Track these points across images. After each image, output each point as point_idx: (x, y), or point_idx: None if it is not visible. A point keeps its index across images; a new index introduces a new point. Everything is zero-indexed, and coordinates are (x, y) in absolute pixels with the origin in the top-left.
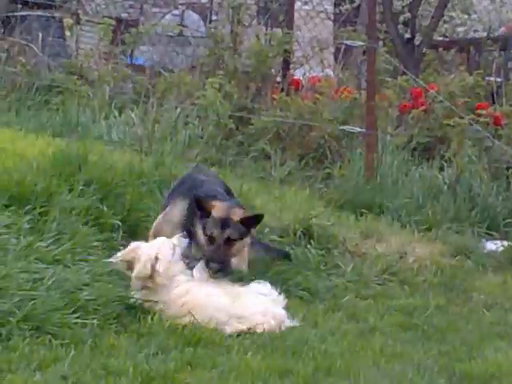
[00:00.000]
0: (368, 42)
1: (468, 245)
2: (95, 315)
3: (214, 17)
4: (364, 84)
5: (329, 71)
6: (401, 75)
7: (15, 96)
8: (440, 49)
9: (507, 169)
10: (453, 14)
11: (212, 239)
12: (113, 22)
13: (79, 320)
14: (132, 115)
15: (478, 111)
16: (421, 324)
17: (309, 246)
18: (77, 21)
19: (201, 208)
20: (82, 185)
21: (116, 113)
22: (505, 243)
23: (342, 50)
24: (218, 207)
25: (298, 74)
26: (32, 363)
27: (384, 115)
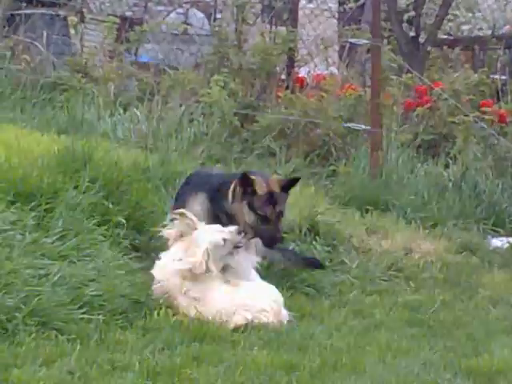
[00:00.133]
0: (372, 40)
1: (473, 241)
2: (101, 311)
3: (219, 15)
4: (369, 82)
5: (333, 69)
6: (405, 73)
7: (20, 94)
8: (445, 47)
9: None
10: (457, 13)
11: (265, 218)
12: (117, 20)
13: (85, 315)
14: (137, 113)
15: (483, 109)
16: (426, 320)
17: (314, 243)
18: (81, 19)
19: (247, 186)
20: (88, 182)
21: (121, 110)
22: (510, 240)
23: (347, 48)
24: (260, 183)
25: (303, 72)
26: (38, 358)
27: (389, 113)
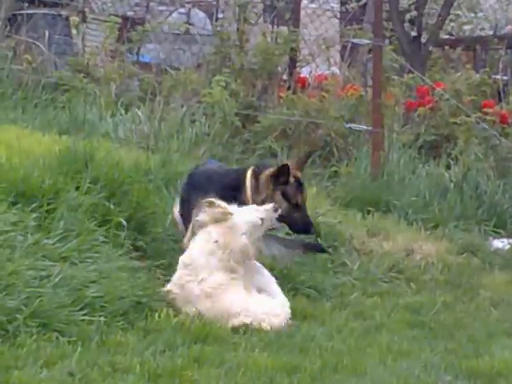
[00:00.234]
0: (374, 40)
1: (475, 242)
2: (102, 312)
3: (221, 15)
4: (370, 82)
5: (335, 69)
6: (407, 73)
7: (22, 94)
8: (446, 47)
9: None
10: (459, 13)
11: (297, 205)
12: (119, 20)
13: (86, 317)
14: (138, 113)
15: (485, 109)
16: (428, 321)
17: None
18: (83, 19)
19: (282, 176)
20: (89, 182)
21: (122, 110)
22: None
23: (349, 48)
24: (293, 172)
25: (305, 72)
26: (39, 360)
27: (390, 113)
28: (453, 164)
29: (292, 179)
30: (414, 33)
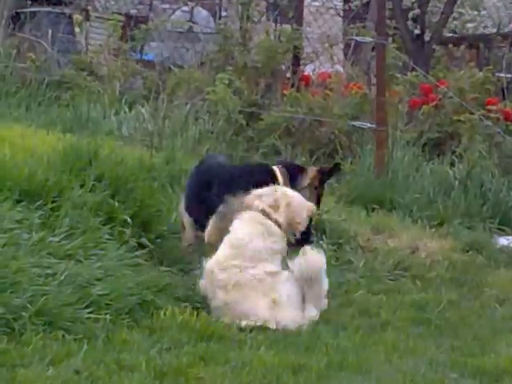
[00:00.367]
0: (377, 38)
1: (480, 240)
2: (108, 310)
3: (224, 13)
4: (374, 80)
5: (338, 67)
6: (411, 71)
7: (25, 92)
8: (450, 45)
9: None
10: (462, 11)
11: (319, 202)
12: (122, 18)
13: (92, 315)
14: (142, 111)
15: (489, 107)
16: (433, 319)
17: (320, 242)
18: (86, 17)
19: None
20: (93, 180)
21: (126, 108)
22: None
23: (352, 46)
24: None
25: (308, 70)
26: (45, 358)
27: (394, 111)
28: (457, 161)
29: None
30: (418, 31)
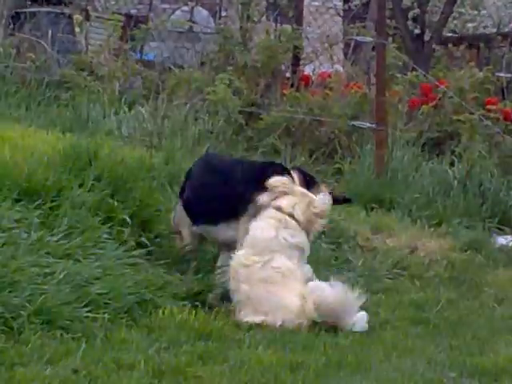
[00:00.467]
0: (377, 38)
1: (479, 239)
2: (106, 309)
3: (224, 13)
4: (374, 80)
5: (338, 67)
6: (410, 71)
7: (25, 92)
8: (450, 45)
9: None
10: (462, 10)
11: None
12: (122, 18)
13: (90, 314)
14: (142, 111)
15: (488, 107)
16: (432, 318)
17: (319, 241)
18: (86, 17)
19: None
20: (93, 179)
21: (126, 108)
22: None
23: (352, 46)
24: None
25: (308, 70)
26: (43, 357)
27: (394, 111)
28: (456, 161)
29: None
30: (418, 30)
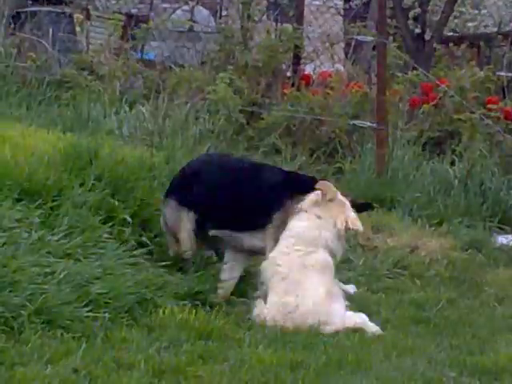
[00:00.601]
0: (378, 38)
1: (479, 239)
2: (106, 309)
3: (224, 12)
4: (374, 79)
5: (339, 66)
6: (411, 70)
7: (26, 91)
8: (450, 44)
9: None
10: (463, 9)
11: None
12: (123, 18)
13: (91, 313)
14: (143, 110)
15: (489, 106)
16: (432, 317)
17: None
18: (87, 16)
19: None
20: (93, 179)
21: (127, 108)
22: None
23: (353, 45)
24: None
25: (309, 69)
26: (43, 356)
27: (395, 110)
28: (457, 160)
29: None
30: (418, 30)
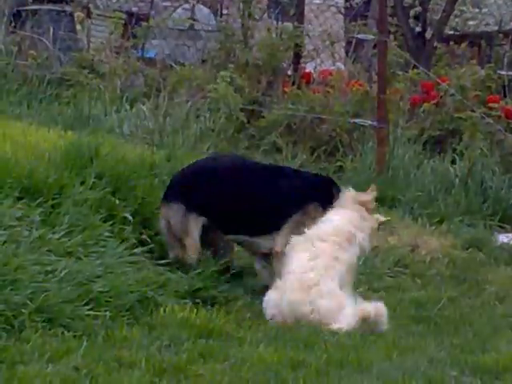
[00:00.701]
0: (379, 36)
1: (480, 237)
2: (107, 307)
3: (225, 10)
4: (375, 77)
5: (340, 64)
6: (412, 69)
7: (27, 89)
8: (451, 42)
9: None
10: (464, 8)
11: None
12: (124, 16)
13: (91, 312)
14: (143, 108)
15: (490, 104)
16: (433, 316)
17: None
18: (88, 15)
19: None
20: (94, 177)
21: (127, 106)
22: None
23: (353, 44)
24: None
25: (309, 68)
26: (44, 355)
27: (395, 108)
28: (458, 159)
29: None
30: (419, 28)
